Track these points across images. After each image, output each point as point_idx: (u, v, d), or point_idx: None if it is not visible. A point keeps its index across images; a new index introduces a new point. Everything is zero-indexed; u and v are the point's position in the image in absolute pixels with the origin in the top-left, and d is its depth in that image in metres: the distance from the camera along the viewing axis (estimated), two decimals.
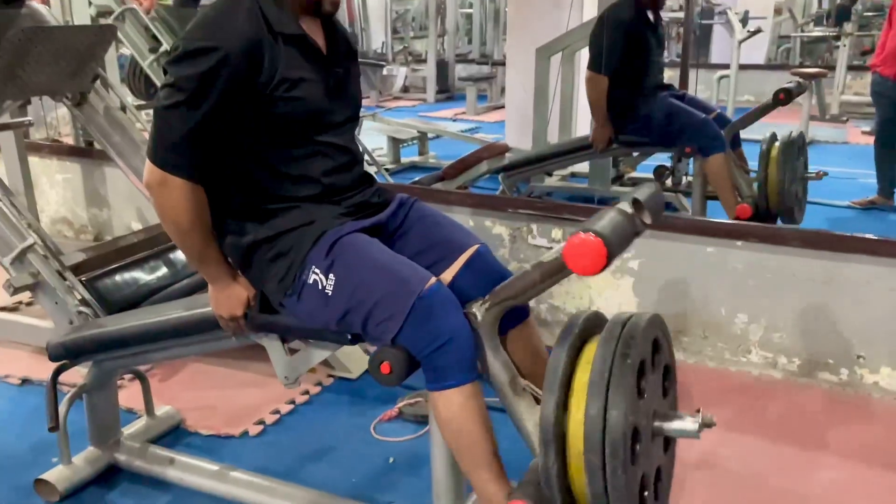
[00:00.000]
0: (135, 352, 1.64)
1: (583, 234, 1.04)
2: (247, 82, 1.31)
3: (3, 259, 2.26)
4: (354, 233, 1.36)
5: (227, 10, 1.34)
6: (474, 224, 2.57)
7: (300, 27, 1.41)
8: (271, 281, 1.38)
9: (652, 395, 1.10)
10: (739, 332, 2.28)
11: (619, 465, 1.00)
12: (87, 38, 2.57)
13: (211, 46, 1.28)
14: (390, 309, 1.24)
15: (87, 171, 3.41)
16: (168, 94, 1.30)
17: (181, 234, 1.38)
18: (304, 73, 1.39)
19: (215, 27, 1.31)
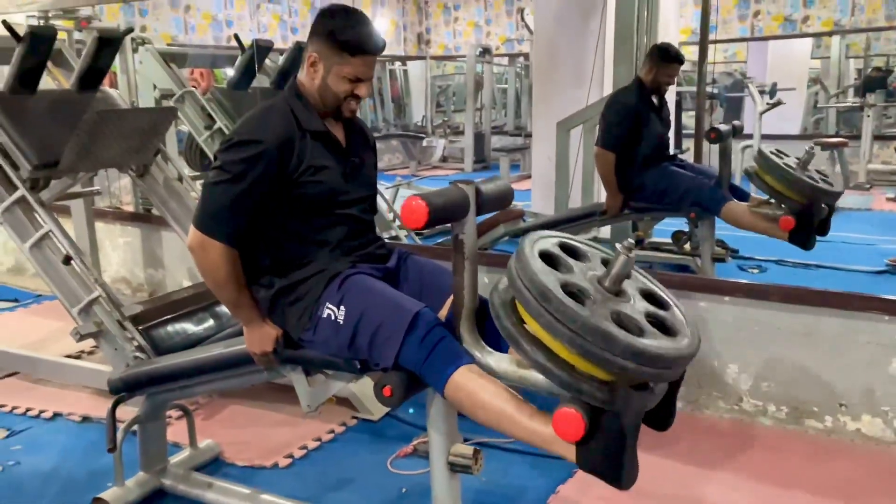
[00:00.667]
0: (182, 385, 1.92)
1: (412, 197, 1.33)
2: (279, 169, 1.65)
3: (72, 309, 2.59)
4: (361, 273, 1.64)
5: (267, 112, 1.72)
6: (489, 280, 2.82)
7: (324, 125, 1.76)
8: (292, 320, 1.66)
9: (583, 271, 1.29)
10: (731, 381, 2.45)
11: (558, 306, 1.17)
12: (151, 118, 2.96)
13: (253, 140, 1.64)
14: (390, 331, 1.50)
15: (146, 235, 3.77)
16: (216, 174, 1.64)
17: (218, 286, 1.70)
18: (326, 161, 1.73)
19: (257, 125, 1.68)
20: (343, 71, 1.68)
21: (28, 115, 2.80)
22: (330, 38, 1.68)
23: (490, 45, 9.28)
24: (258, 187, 1.63)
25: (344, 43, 1.66)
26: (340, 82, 1.70)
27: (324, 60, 1.70)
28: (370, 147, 1.93)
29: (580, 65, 4.77)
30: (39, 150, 2.72)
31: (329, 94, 1.71)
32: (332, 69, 1.69)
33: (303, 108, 1.73)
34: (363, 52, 1.67)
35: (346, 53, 1.67)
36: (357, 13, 1.71)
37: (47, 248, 2.65)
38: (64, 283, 2.63)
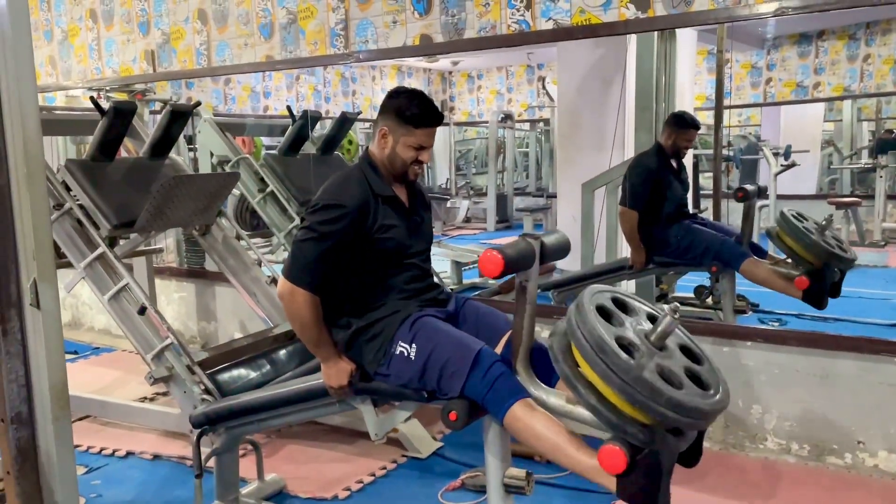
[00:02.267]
0: (260, 419, 2.14)
1: (490, 251, 1.55)
2: (358, 228, 1.93)
3: (146, 355, 2.83)
4: (430, 315, 1.88)
5: (346, 180, 2.01)
6: None
7: (392, 190, 2.05)
8: (368, 356, 1.90)
9: (632, 326, 1.49)
10: (756, 421, 2.63)
11: (613, 358, 1.36)
12: (217, 182, 3.26)
13: (336, 203, 1.92)
14: (457, 365, 1.73)
15: (200, 290, 4.04)
16: (304, 233, 1.92)
17: (303, 328, 1.94)
18: (394, 220, 2.01)
19: (339, 191, 1.96)
20: (409, 141, 1.97)
21: (107, 180, 3.12)
22: (398, 114, 1.97)
23: (512, 112, 9.68)
24: (340, 244, 1.90)
25: (410, 118, 1.96)
26: (407, 150, 1.99)
27: (392, 133, 2.00)
28: (427, 206, 2.21)
29: (602, 130, 5.06)
30: (117, 212, 3.02)
31: (398, 161, 2.00)
32: (399, 140, 1.98)
33: (374, 176, 2.01)
34: (426, 124, 1.98)
35: (411, 126, 1.97)
36: (419, 93, 2.01)
37: (124, 300, 2.91)
38: (138, 332, 2.88)
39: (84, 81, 4.31)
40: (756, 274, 3.41)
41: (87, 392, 3.39)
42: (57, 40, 4.39)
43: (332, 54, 3.32)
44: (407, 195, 2.10)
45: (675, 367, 1.46)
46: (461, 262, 5.56)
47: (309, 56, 3.40)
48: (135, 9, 4.01)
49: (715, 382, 1.50)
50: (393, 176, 2.04)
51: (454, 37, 2.99)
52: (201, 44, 3.76)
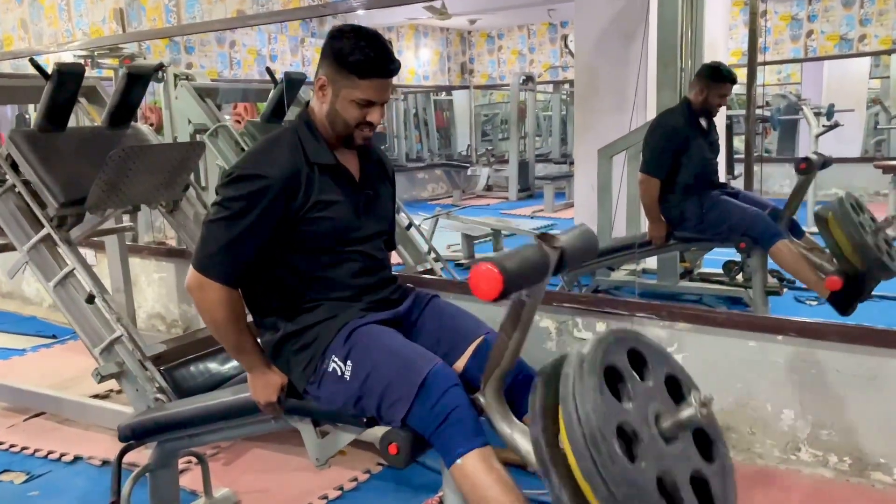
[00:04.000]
0: (191, 433, 1.82)
1: (485, 264, 1.13)
2: (284, 205, 1.54)
3: (94, 349, 2.54)
4: (371, 323, 1.52)
5: (272, 145, 1.61)
6: None
7: (334, 157, 1.64)
8: (296, 370, 1.55)
9: (644, 400, 1.13)
10: (787, 428, 2.25)
11: (606, 460, 1.02)
12: (179, 153, 2.92)
13: (255, 174, 1.53)
14: (399, 392, 1.38)
15: (180, 270, 3.74)
16: (215, 211, 1.54)
17: (217, 328, 1.59)
18: (335, 195, 1.61)
19: (261, 159, 1.57)
20: (353, 95, 1.55)
21: (56, 153, 2.80)
22: (338, 59, 1.54)
23: (533, 73, 9.18)
24: (260, 225, 1.53)
25: (353, 64, 1.52)
26: (350, 108, 1.56)
27: (332, 84, 1.57)
28: (388, 178, 1.81)
29: (622, 90, 4.62)
30: (66, 188, 2.70)
31: (339, 121, 1.59)
32: (340, 93, 1.56)
33: (312, 139, 1.62)
34: (374, 73, 1.53)
35: (354, 76, 1.53)
36: (369, 32, 1.57)
37: (71, 287, 2.62)
38: (87, 322, 2.59)
39: (55, 45, 3.98)
40: (785, 259, 2.99)
41: (52, 382, 3.14)
42: (27, 1, 4.07)
43: (307, 6, 2.94)
44: (359, 164, 1.70)
45: (681, 474, 1.09)
46: (472, 236, 5.19)
47: (282, 9, 3.02)
48: None
49: (723, 499, 1.14)
50: (337, 139, 1.63)
51: None
52: (170, 0, 3.40)
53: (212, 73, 7.29)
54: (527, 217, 7.19)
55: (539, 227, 6.45)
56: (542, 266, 1.21)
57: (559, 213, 7.37)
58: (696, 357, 2.36)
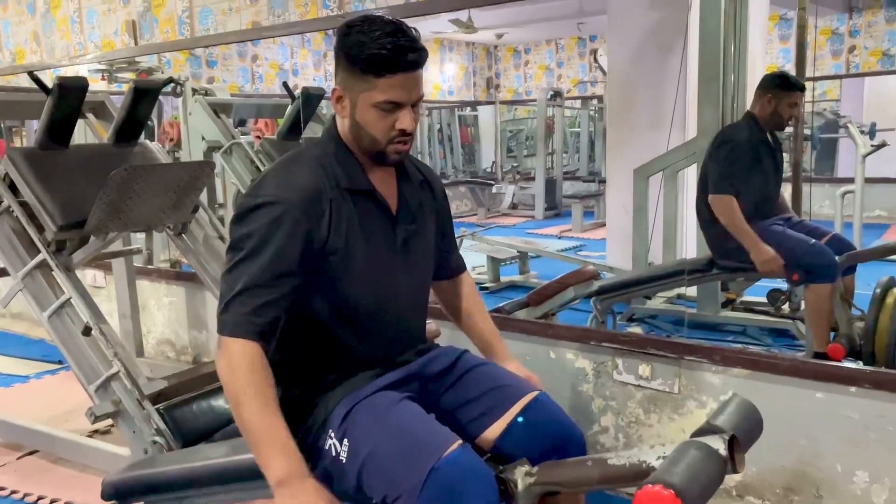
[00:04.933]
0: (180, 496, 1.60)
1: (653, 487, 0.88)
2: (305, 235, 1.28)
3: (88, 386, 2.34)
4: (376, 392, 1.28)
5: (290, 164, 1.34)
6: (555, 356, 2.43)
7: (368, 181, 1.36)
8: None
9: None
10: (860, 492, 1.98)
11: None
12: (187, 173, 2.73)
13: (269, 201, 1.27)
14: (403, 482, 1.13)
15: (190, 295, 3.55)
16: (229, 258, 1.29)
17: (235, 404, 1.23)
18: (366, 233, 1.34)
19: (276, 182, 1.30)
20: (372, 99, 1.28)
21: (57, 172, 2.62)
22: (349, 59, 1.29)
23: (561, 88, 8.95)
24: (283, 259, 1.25)
25: (365, 61, 1.26)
26: (373, 115, 1.29)
27: (349, 92, 1.31)
28: (435, 204, 1.50)
29: (659, 107, 4.39)
30: (65, 210, 2.52)
31: (364, 136, 1.32)
32: (358, 101, 1.30)
33: (342, 158, 1.34)
34: (392, 69, 1.26)
35: (370, 75, 1.27)
36: (384, 19, 1.30)
37: (67, 317, 2.42)
38: (82, 357, 2.39)
39: (67, 58, 3.83)
40: (818, 304, 2.73)
41: (48, 416, 2.95)
42: (40, 13, 3.93)
43: (325, 17, 2.74)
44: (397, 190, 1.41)
45: None
46: (498, 259, 4.95)
47: (299, 20, 2.83)
48: None
49: None
50: (369, 158, 1.35)
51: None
52: (183, 10, 3.23)
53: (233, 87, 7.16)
54: (554, 237, 6.94)
55: (568, 247, 6.20)
56: (717, 471, 0.97)
57: (588, 233, 7.10)
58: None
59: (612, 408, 2.34)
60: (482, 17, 6.86)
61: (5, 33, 4.15)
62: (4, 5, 4.12)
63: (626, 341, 2.28)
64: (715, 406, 2.13)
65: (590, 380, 2.38)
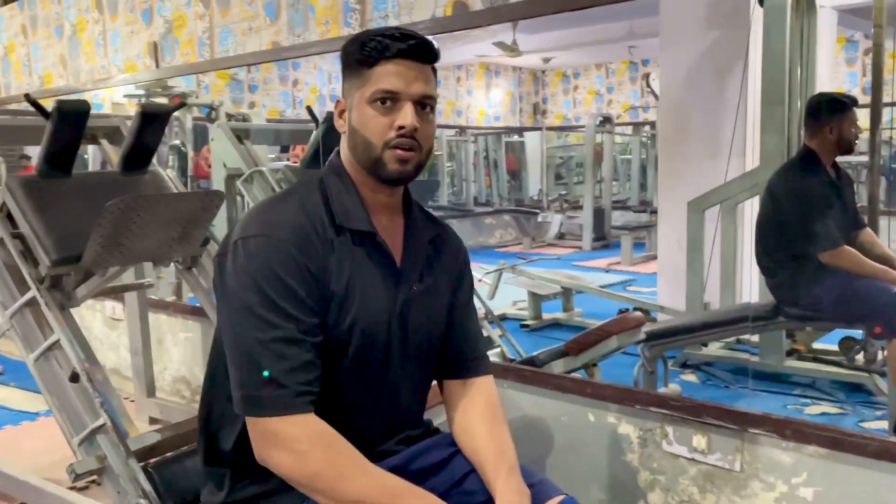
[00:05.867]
0: None
1: None
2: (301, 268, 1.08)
3: (72, 439, 2.12)
4: None
5: (277, 202, 1.16)
6: (595, 419, 2.12)
7: (369, 221, 1.14)
8: None
9: None
10: None
11: None
12: (194, 204, 2.52)
13: (256, 234, 1.09)
14: None
15: (206, 332, 3.34)
16: (231, 324, 1.09)
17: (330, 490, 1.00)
18: (364, 284, 1.12)
19: (263, 217, 1.13)
20: (366, 94, 1.10)
21: (58, 202, 2.43)
22: (345, 63, 1.15)
23: (611, 114, 8.65)
24: (295, 293, 1.05)
25: (360, 58, 1.11)
26: (367, 115, 1.10)
27: (347, 98, 1.15)
28: (452, 265, 1.26)
29: (715, 133, 4.07)
30: (62, 243, 2.32)
31: (359, 143, 1.12)
32: (354, 103, 1.12)
33: (341, 192, 1.14)
34: (388, 55, 1.09)
35: (364, 68, 1.11)
36: (388, 27, 1.17)
37: (54, 361, 2.21)
38: (68, 405, 2.17)
39: (91, 82, 3.71)
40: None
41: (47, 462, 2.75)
42: (67, 36, 3.82)
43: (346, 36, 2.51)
44: (402, 236, 1.20)
45: None
46: (539, 295, 4.64)
47: (319, 39, 2.62)
48: None
49: None
50: (369, 177, 1.14)
51: (498, 1, 2.12)
52: (204, 31, 3.05)
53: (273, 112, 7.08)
54: (602, 270, 6.59)
55: (616, 282, 5.85)
56: None
57: (638, 266, 6.74)
58: (833, 495, 1.75)
59: (661, 483, 2.01)
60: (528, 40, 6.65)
61: (34, 57, 4.07)
62: (34, 29, 4.04)
63: (677, 406, 1.95)
64: (785, 489, 1.80)
65: (635, 449, 2.05)
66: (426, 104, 1.12)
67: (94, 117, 2.81)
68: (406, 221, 1.21)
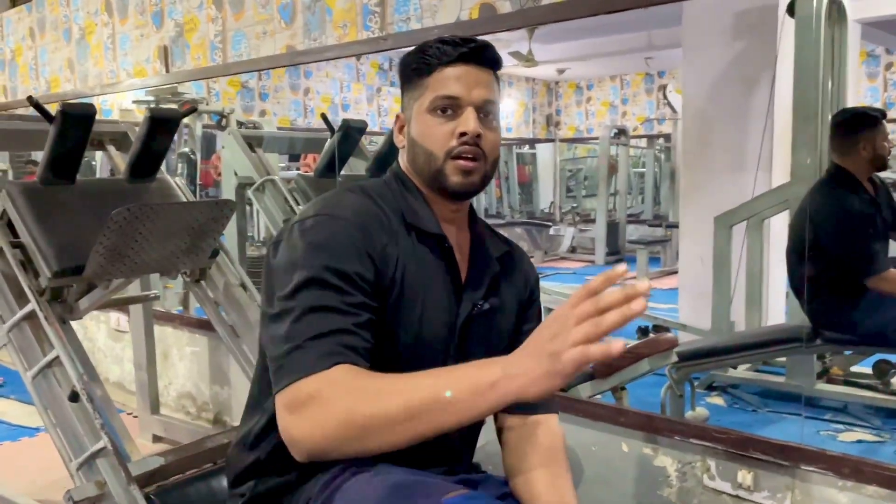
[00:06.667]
0: None
1: None
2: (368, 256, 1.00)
3: (70, 463, 1.99)
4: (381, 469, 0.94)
5: (341, 194, 1.09)
6: (629, 449, 1.98)
7: (437, 224, 1.08)
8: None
9: None
10: None
11: None
12: (202, 214, 2.40)
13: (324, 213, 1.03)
14: None
15: (213, 346, 3.23)
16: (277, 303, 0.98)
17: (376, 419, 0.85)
18: (426, 289, 1.04)
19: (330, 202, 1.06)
20: (425, 103, 1.05)
21: (60, 210, 2.31)
22: (404, 75, 1.10)
23: (626, 126, 8.53)
24: (339, 268, 0.96)
25: (417, 66, 1.07)
26: (427, 125, 1.05)
27: (406, 111, 1.09)
28: (523, 287, 1.18)
29: (741, 146, 3.95)
30: (64, 253, 2.20)
31: (420, 156, 1.06)
32: (413, 115, 1.08)
33: (408, 193, 1.09)
34: (448, 60, 1.04)
35: (424, 77, 1.06)
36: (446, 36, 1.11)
37: (53, 379, 2.09)
38: (67, 426, 2.04)
39: (99, 86, 3.60)
40: None
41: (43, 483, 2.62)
42: (75, 40, 3.73)
43: (365, 40, 2.41)
44: (469, 250, 1.13)
45: None
46: None
47: (336, 44, 2.50)
48: None
49: None
50: (431, 192, 1.09)
51: (528, 4, 2.00)
52: (216, 35, 2.95)
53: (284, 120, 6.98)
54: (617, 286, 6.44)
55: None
56: None
57: (654, 281, 6.59)
58: None
59: None
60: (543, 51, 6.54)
61: (42, 61, 3.98)
62: (42, 32, 3.94)
63: (721, 439, 1.82)
64: None
65: (672, 483, 1.91)
66: (489, 111, 1.05)
67: (101, 122, 2.71)
68: (472, 236, 1.15)
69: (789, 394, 3.25)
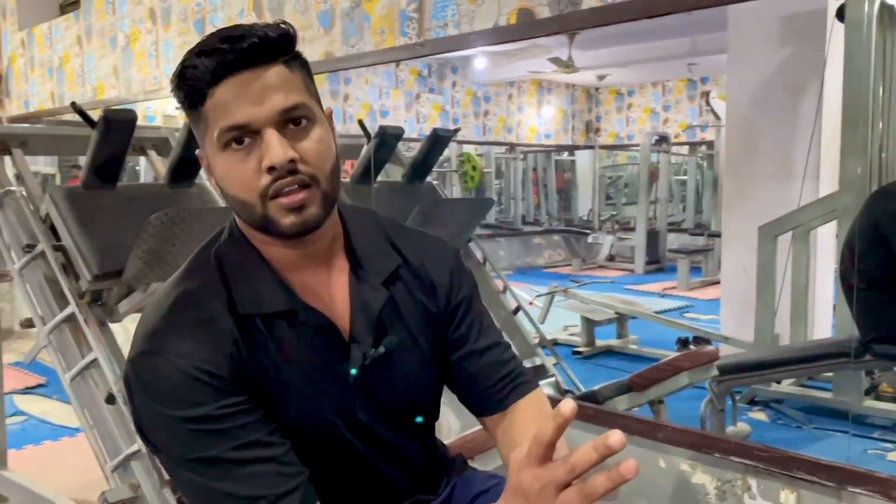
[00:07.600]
0: None
1: None
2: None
3: (105, 465, 2.01)
4: None
5: (174, 311, 0.90)
6: (666, 465, 1.93)
7: (284, 296, 0.89)
8: None
9: None
10: None
11: None
12: None
13: (155, 350, 0.88)
14: None
15: None
16: (172, 459, 0.88)
17: None
18: (295, 380, 0.89)
19: (157, 333, 0.89)
20: (214, 141, 0.82)
21: (102, 214, 2.36)
22: (178, 97, 0.87)
23: (668, 133, 8.39)
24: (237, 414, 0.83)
25: (183, 89, 0.83)
26: (225, 163, 0.83)
27: (203, 149, 0.90)
28: (433, 297, 0.98)
29: (787, 154, 3.83)
30: (104, 257, 2.24)
31: (234, 203, 0.86)
32: (209, 155, 0.86)
33: (243, 266, 0.90)
34: (216, 77, 0.80)
35: (197, 107, 0.83)
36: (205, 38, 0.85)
37: (91, 381, 2.12)
38: (104, 428, 2.07)
39: (143, 93, 3.67)
40: None
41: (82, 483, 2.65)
42: (120, 47, 3.80)
43: (403, 45, 2.40)
44: (348, 286, 0.94)
45: None
46: (593, 320, 4.43)
47: (374, 50, 2.50)
48: (191, 3, 3.31)
49: None
50: (269, 233, 0.88)
51: (567, 9, 1.96)
52: None
53: None
54: (656, 295, 6.35)
55: (672, 307, 5.61)
56: None
57: (694, 291, 6.47)
58: None
59: None
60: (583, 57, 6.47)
61: (88, 67, 4.06)
62: (89, 39, 4.03)
63: (763, 457, 1.75)
64: None
65: (711, 501, 1.85)
66: (299, 115, 0.82)
67: (143, 128, 2.75)
68: (351, 264, 0.94)
69: (836, 410, 3.14)
